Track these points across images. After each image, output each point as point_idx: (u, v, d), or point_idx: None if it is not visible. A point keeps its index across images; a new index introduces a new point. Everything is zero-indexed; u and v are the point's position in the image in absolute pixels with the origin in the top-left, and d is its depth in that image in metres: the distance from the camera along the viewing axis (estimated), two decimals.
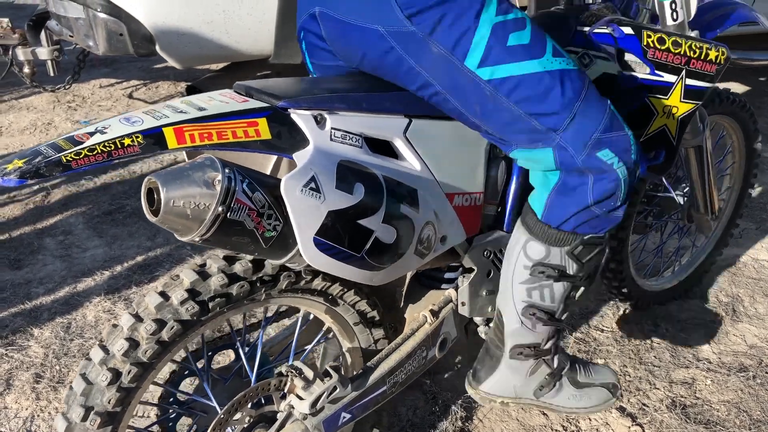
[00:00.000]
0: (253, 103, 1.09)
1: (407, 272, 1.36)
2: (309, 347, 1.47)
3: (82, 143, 0.94)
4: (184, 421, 1.44)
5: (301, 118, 1.10)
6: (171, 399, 1.37)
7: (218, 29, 2.50)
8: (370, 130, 1.18)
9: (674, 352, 2.04)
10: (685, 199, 2.02)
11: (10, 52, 3.14)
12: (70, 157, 0.91)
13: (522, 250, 1.33)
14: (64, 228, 2.59)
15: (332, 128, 1.12)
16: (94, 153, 0.93)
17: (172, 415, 1.38)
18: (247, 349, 1.37)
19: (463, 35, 1.12)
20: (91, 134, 0.96)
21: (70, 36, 2.74)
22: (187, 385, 1.57)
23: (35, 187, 2.86)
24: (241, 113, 1.06)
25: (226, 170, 1.02)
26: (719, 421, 1.78)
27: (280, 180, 1.05)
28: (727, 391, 1.89)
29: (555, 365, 1.46)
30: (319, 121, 1.12)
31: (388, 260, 1.21)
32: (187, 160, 1.14)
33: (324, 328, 1.43)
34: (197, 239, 1.03)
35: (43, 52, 3.15)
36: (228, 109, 1.06)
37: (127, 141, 0.95)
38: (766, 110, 3.89)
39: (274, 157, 1.19)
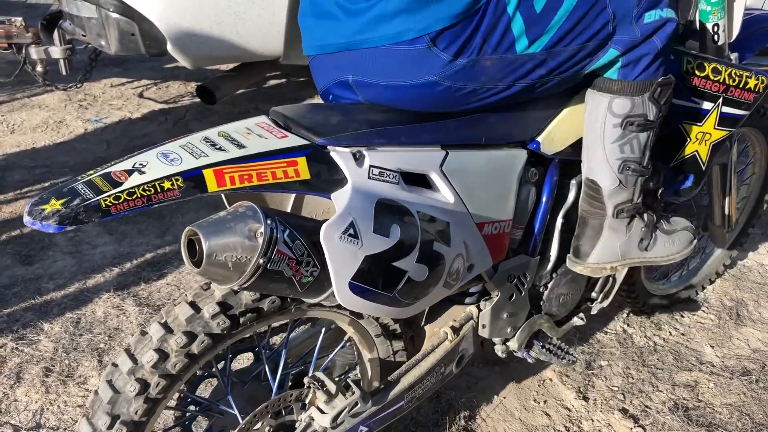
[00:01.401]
0: (293, 140, 1.11)
1: (431, 304, 1.37)
2: (329, 357, 1.47)
3: (120, 183, 0.95)
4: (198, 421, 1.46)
5: (340, 156, 1.11)
6: (189, 399, 1.38)
7: (229, 30, 2.53)
8: (407, 165, 1.19)
9: (677, 355, 2.05)
10: (703, 207, 2.03)
11: (24, 51, 3.17)
12: (110, 202, 0.93)
13: (608, 111, 1.38)
14: None
15: (370, 165, 1.13)
16: (134, 197, 0.94)
17: (189, 416, 1.40)
18: (267, 352, 1.39)
19: (504, 35, 1.18)
20: (129, 172, 0.97)
21: (83, 35, 2.78)
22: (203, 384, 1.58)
23: (47, 183, 2.89)
24: (281, 152, 1.07)
25: (268, 221, 1.03)
26: (721, 424, 1.79)
27: (319, 225, 1.06)
28: (729, 395, 1.90)
29: (647, 218, 1.55)
30: (358, 158, 1.13)
31: (419, 296, 1.23)
32: (225, 201, 1.17)
33: (345, 338, 1.44)
34: (236, 288, 1.06)
35: (56, 51, 3.19)
36: (268, 147, 1.07)
37: (167, 184, 0.97)
38: None
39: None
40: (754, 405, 1.86)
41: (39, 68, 3.23)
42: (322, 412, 1.26)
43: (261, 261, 1.01)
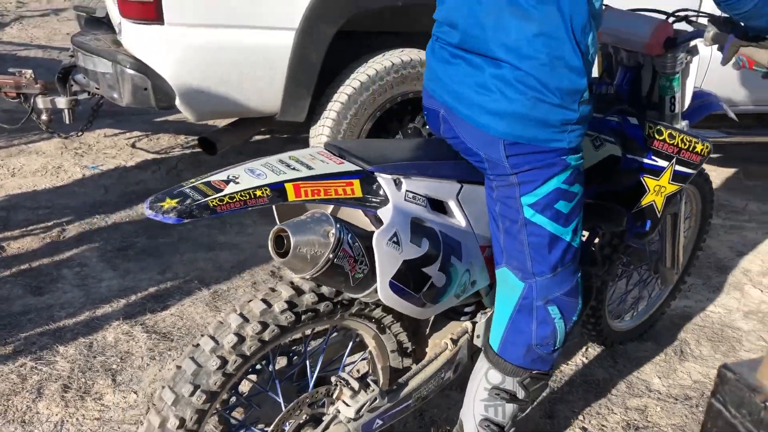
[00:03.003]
0: (348, 166, 1.39)
1: (445, 309, 1.63)
2: (353, 363, 1.73)
3: (221, 190, 1.21)
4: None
5: (384, 181, 1.40)
6: (234, 391, 1.58)
7: (233, 89, 2.81)
8: (432, 192, 1.48)
9: (629, 384, 2.33)
10: (654, 252, 2.35)
11: (32, 101, 3.40)
12: (215, 203, 1.18)
13: (484, 376, 1.65)
14: (79, 261, 2.81)
15: (407, 190, 1.42)
16: (234, 201, 1.20)
17: (229, 406, 1.61)
18: (296, 359, 1.63)
19: (534, 181, 1.46)
20: (226, 182, 1.23)
21: (96, 88, 3.02)
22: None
23: (50, 223, 3.08)
24: (340, 174, 1.35)
25: (338, 225, 1.31)
26: None
27: (371, 233, 1.34)
28: (674, 417, 2.18)
29: None
30: (398, 184, 1.41)
31: (436, 300, 1.50)
32: (276, 216, 1.44)
33: (366, 351, 1.70)
34: (308, 277, 1.32)
35: (62, 102, 3.43)
36: (330, 170, 1.35)
37: (258, 192, 1.23)
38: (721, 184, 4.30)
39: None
40: (694, 425, 2.14)
41: (44, 117, 3.45)
42: (347, 405, 1.52)
43: (330, 255, 1.28)
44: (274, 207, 1.42)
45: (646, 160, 1.86)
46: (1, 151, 3.83)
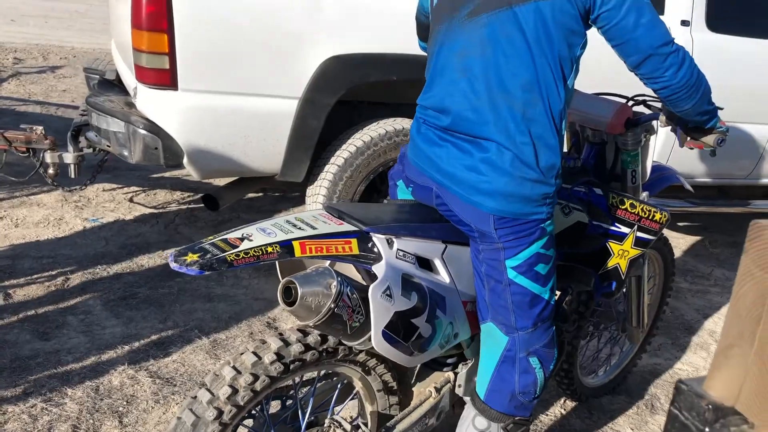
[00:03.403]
0: (347, 226, 1.58)
1: (430, 358, 1.79)
2: (343, 405, 1.86)
3: (236, 246, 1.39)
4: None
5: (378, 240, 1.59)
6: None
7: (238, 149, 3.01)
8: (420, 251, 1.68)
9: None
10: (621, 312, 2.55)
11: (40, 156, 3.57)
12: (232, 257, 1.37)
13: (471, 422, 1.84)
14: (84, 308, 2.94)
15: (398, 249, 1.62)
16: (249, 256, 1.39)
17: None
18: (290, 402, 1.77)
19: (517, 247, 1.67)
20: (240, 239, 1.42)
21: (107, 145, 3.21)
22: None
23: (54, 272, 3.21)
24: (340, 234, 1.55)
25: (339, 279, 1.49)
26: None
27: (366, 286, 1.52)
28: None
29: None
30: (390, 243, 1.60)
31: (423, 349, 1.67)
32: (279, 270, 1.62)
33: (353, 392, 1.85)
34: (311, 324, 1.49)
35: (69, 157, 3.60)
36: (331, 230, 1.54)
37: (269, 249, 1.41)
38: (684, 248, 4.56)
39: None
40: None
41: (51, 171, 3.61)
42: None
43: (332, 305, 1.45)
44: (277, 262, 1.60)
45: (610, 227, 2.07)
46: (3, 202, 3.97)
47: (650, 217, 2.07)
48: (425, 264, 1.70)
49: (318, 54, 2.97)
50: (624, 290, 2.45)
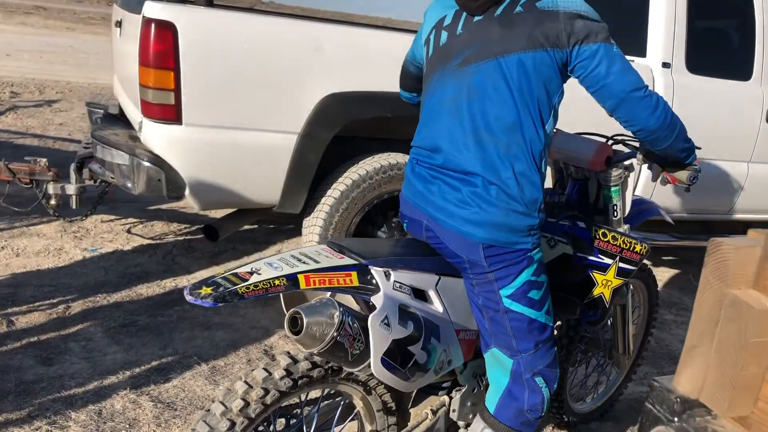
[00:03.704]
0: (347, 260, 1.69)
1: (425, 384, 1.89)
2: (342, 426, 1.95)
3: (246, 280, 1.50)
4: None
5: (376, 272, 1.70)
6: None
7: (239, 182, 3.12)
8: (415, 283, 1.78)
9: None
10: (608, 340, 2.65)
11: (43, 187, 3.67)
12: (243, 290, 1.48)
13: None
14: (85, 336, 3.01)
15: (394, 281, 1.72)
16: (258, 288, 1.50)
17: None
18: (294, 421, 1.86)
19: (508, 276, 1.79)
20: (250, 273, 1.53)
21: (111, 177, 3.31)
22: None
23: (55, 300, 3.29)
24: (341, 267, 1.66)
25: (341, 309, 1.60)
26: None
27: (365, 316, 1.63)
28: None
29: None
30: (387, 275, 1.71)
31: (419, 375, 1.77)
32: (282, 301, 1.72)
33: (354, 412, 1.94)
34: (315, 352, 1.59)
35: (71, 188, 3.70)
36: (333, 263, 1.65)
37: (277, 281, 1.53)
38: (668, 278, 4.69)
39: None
40: None
41: (53, 202, 3.71)
42: None
43: (335, 334, 1.55)
44: (281, 294, 1.70)
45: (593, 258, 2.19)
46: (4, 232, 4.05)
47: (631, 249, 2.19)
48: (420, 295, 1.81)
49: (317, 91, 3.11)
50: (610, 319, 2.55)
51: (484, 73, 1.77)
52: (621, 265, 2.19)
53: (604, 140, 2.29)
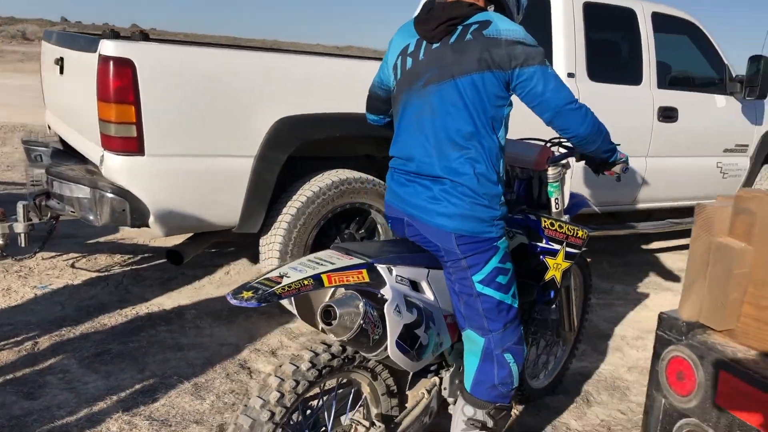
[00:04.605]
0: (355, 260, 1.93)
1: (425, 365, 2.14)
2: (353, 411, 2.16)
3: (279, 283, 1.72)
4: None
5: (381, 269, 1.95)
6: None
7: (201, 207, 3.26)
8: (411, 276, 2.05)
9: (554, 427, 2.91)
10: (554, 320, 3.00)
11: None
12: (280, 291, 1.69)
13: (461, 410, 2.21)
14: (60, 368, 3.06)
15: (396, 275, 1.98)
16: (292, 288, 1.72)
17: None
18: (309, 412, 2.05)
19: (479, 264, 2.08)
20: (280, 277, 1.74)
21: (71, 211, 3.37)
22: None
23: (20, 338, 3.30)
24: (353, 266, 1.90)
25: (364, 300, 1.83)
26: None
27: (382, 306, 1.87)
28: None
29: None
30: (390, 271, 1.97)
31: (423, 356, 2.03)
32: (293, 303, 1.93)
33: (361, 399, 2.16)
34: (345, 339, 1.81)
35: (19, 227, 3.71)
36: (346, 264, 1.89)
37: (306, 281, 1.75)
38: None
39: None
40: None
41: (0, 242, 3.70)
42: None
43: (361, 321, 1.78)
44: (293, 299, 1.92)
45: (544, 245, 2.53)
46: None
47: (575, 235, 2.54)
48: (415, 286, 2.07)
49: (269, 116, 3.32)
50: (558, 299, 2.90)
51: (444, 92, 2.08)
52: (568, 249, 2.53)
53: (543, 143, 2.64)
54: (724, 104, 5.20)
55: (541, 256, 2.53)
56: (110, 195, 3.14)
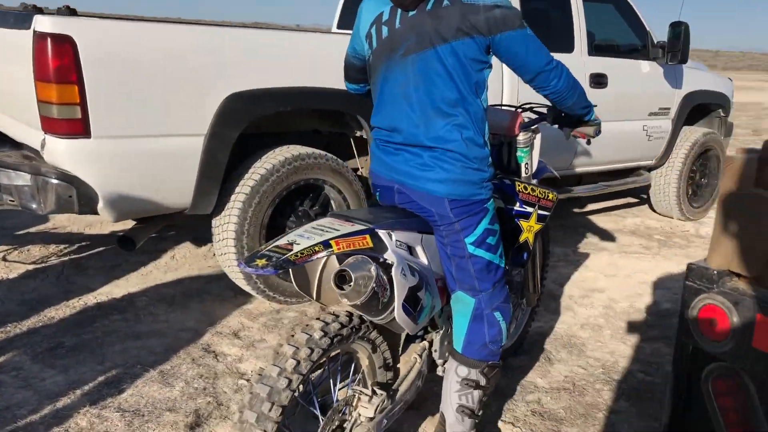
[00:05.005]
0: (357, 226, 1.92)
1: (422, 327, 2.16)
2: (353, 380, 2.16)
3: (290, 250, 1.69)
4: None
5: (383, 234, 1.95)
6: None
7: (152, 189, 3.14)
8: (408, 240, 2.07)
9: (522, 386, 3.00)
10: (519, 283, 3.07)
11: None
12: (294, 257, 1.67)
13: (454, 372, 2.24)
14: (12, 366, 2.90)
15: (396, 240, 1.99)
16: (304, 254, 1.70)
17: None
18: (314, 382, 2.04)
19: (471, 226, 2.11)
20: (290, 244, 1.72)
21: (10, 201, 3.17)
22: None
23: None
24: (357, 232, 1.89)
25: (374, 265, 1.83)
26: (562, 417, 2.75)
27: (390, 270, 1.86)
28: (560, 402, 2.87)
29: None
30: (390, 236, 1.97)
31: (421, 317, 2.04)
32: (292, 274, 1.90)
33: (360, 370, 2.16)
34: (358, 303, 1.80)
35: None
36: (350, 230, 1.88)
37: (317, 248, 1.74)
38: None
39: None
40: (576, 405, 2.85)
41: None
42: (366, 408, 1.99)
43: (373, 285, 1.78)
44: (291, 270, 1.90)
45: (519, 208, 2.59)
46: None
47: (546, 198, 2.61)
48: (410, 251, 2.09)
49: (219, 92, 3.22)
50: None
51: (425, 61, 2.07)
52: (539, 212, 2.60)
53: (514, 109, 2.68)
54: (648, 69, 5.41)
55: (516, 219, 2.58)
56: (55, 181, 2.98)
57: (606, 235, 5.46)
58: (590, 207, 6.35)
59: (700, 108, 6.04)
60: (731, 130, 6.55)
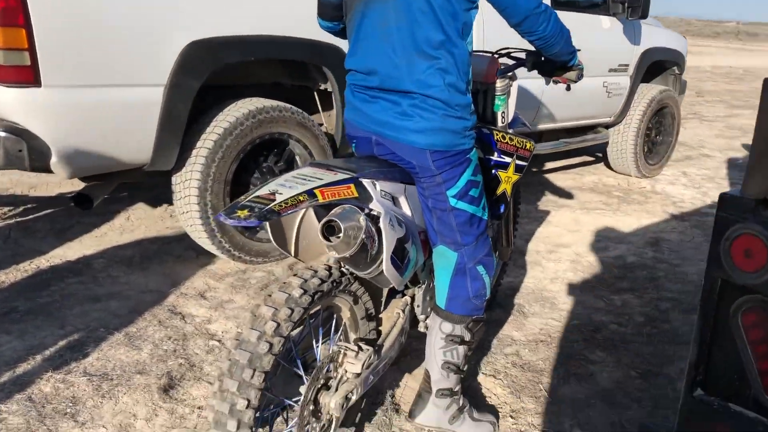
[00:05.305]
0: (341, 175, 1.80)
1: (406, 281, 2.06)
2: (337, 336, 2.07)
3: (273, 200, 1.56)
4: None
5: (367, 184, 1.84)
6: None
7: (109, 143, 2.95)
8: (392, 191, 1.96)
9: (499, 339, 2.97)
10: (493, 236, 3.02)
11: None
12: (278, 207, 1.55)
13: (438, 328, 2.17)
14: None
15: (381, 190, 1.88)
16: (288, 204, 1.58)
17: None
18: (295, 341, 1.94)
19: (453, 178, 2.00)
20: (272, 194, 1.59)
21: None
22: None
23: None
24: (341, 181, 1.77)
25: (363, 214, 1.73)
26: (540, 368, 2.73)
27: (377, 221, 1.76)
28: (538, 353, 2.86)
29: (461, 403, 2.26)
30: (375, 186, 1.87)
31: (407, 271, 1.96)
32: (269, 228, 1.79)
33: (341, 324, 2.07)
34: (347, 255, 1.69)
35: None
36: (334, 179, 1.77)
37: (301, 197, 1.62)
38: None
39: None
40: (551, 354, 2.84)
41: None
42: (352, 364, 1.90)
43: (363, 236, 1.68)
44: (268, 224, 1.78)
45: (497, 158, 2.51)
46: None
47: (524, 147, 2.54)
48: (394, 201, 1.99)
49: (179, 40, 3.03)
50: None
51: None
52: (518, 162, 2.53)
53: (491, 55, 2.59)
54: (608, 25, 5.39)
55: (494, 170, 2.51)
56: (3, 134, 2.76)
57: (566, 193, 5.48)
58: (549, 165, 6.37)
59: (656, 65, 6.08)
60: (685, 88, 6.64)
